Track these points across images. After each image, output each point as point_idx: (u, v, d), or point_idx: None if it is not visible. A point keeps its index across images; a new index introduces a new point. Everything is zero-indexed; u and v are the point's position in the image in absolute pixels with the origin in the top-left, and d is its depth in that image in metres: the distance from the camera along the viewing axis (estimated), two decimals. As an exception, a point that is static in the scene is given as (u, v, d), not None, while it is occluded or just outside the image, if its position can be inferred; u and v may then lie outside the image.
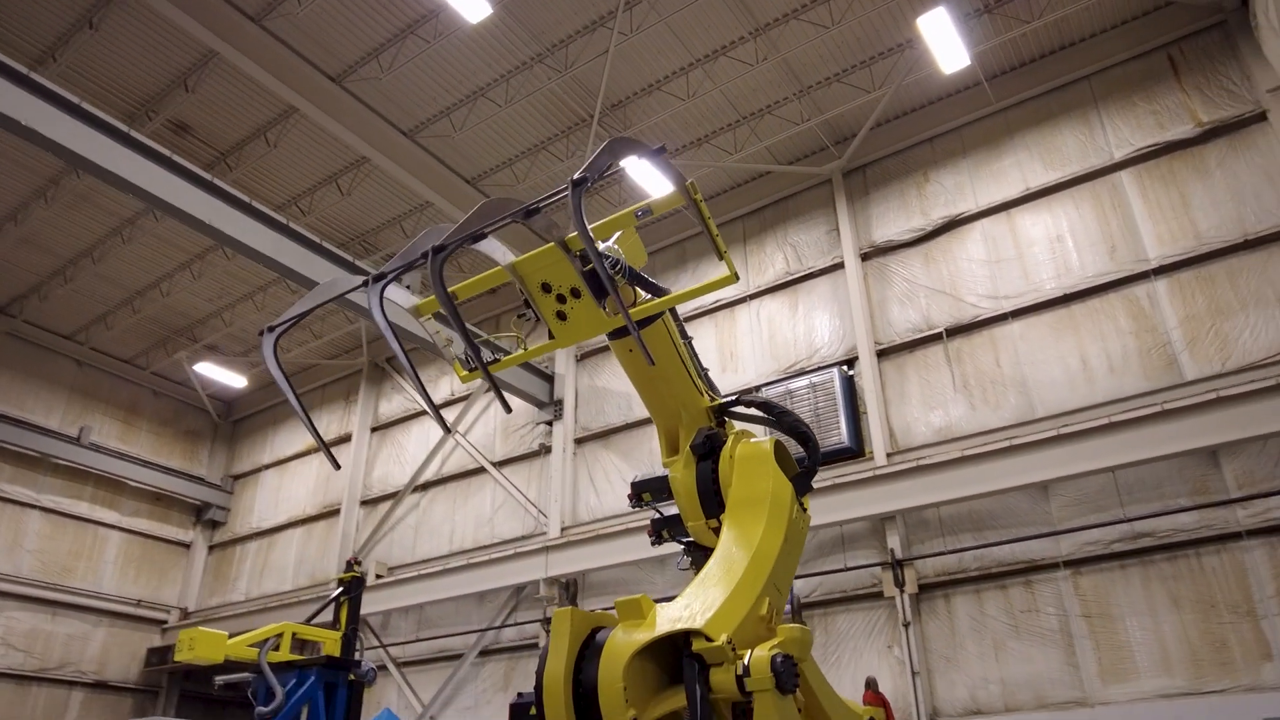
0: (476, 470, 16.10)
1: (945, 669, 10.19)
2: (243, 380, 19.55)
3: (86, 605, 18.10)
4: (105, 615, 18.41)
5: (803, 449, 4.29)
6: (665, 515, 4.51)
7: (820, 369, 12.45)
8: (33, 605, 17.38)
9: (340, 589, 9.68)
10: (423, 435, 17.34)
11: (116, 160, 10.21)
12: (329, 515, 18.13)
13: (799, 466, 4.20)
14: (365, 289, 3.72)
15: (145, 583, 19.29)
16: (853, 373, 12.28)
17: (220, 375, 19.17)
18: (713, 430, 4.26)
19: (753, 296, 13.82)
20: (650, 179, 12.34)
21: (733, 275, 3.63)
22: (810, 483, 4.21)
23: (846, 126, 13.42)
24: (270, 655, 8.46)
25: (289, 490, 19.46)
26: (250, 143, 13.96)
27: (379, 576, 15.85)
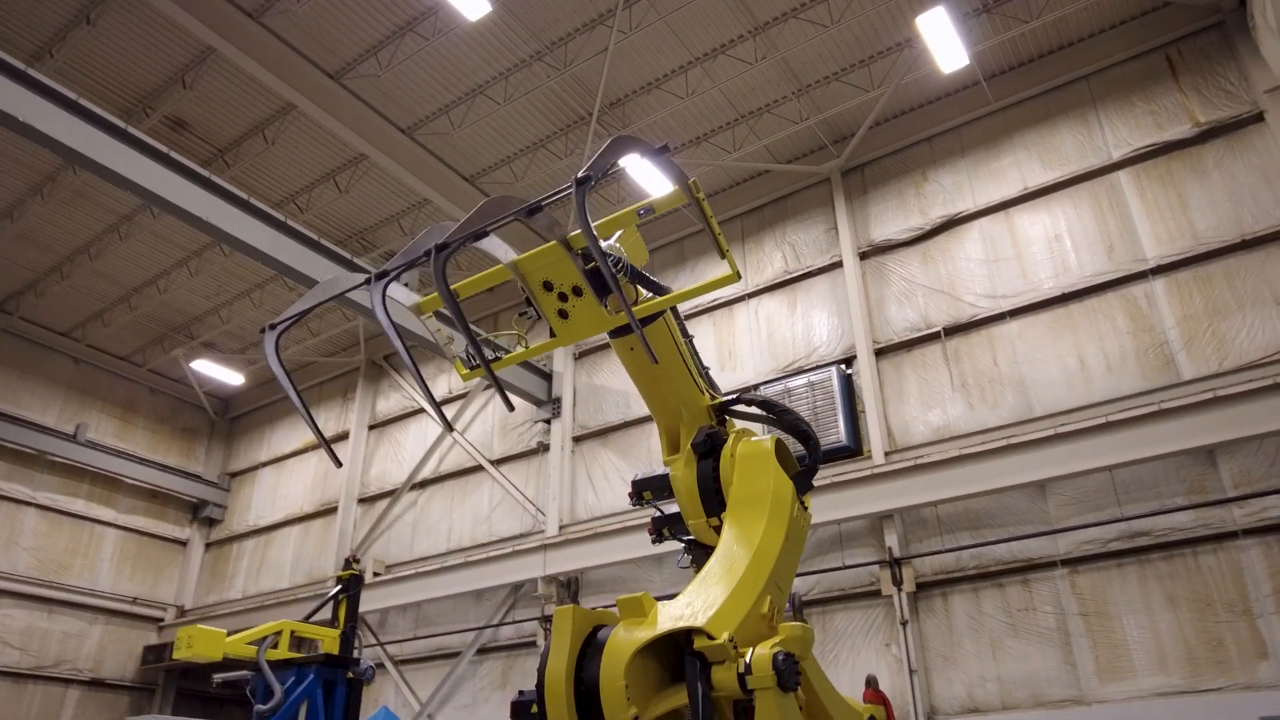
0: (474, 468, 16.09)
1: (943, 667, 10.21)
2: (240, 377, 19.51)
3: (83, 603, 18.04)
4: (101, 613, 18.35)
5: (803, 447, 4.29)
6: (666, 513, 4.52)
7: (818, 368, 12.47)
8: (29, 603, 17.32)
9: (338, 587, 9.66)
10: (420, 433, 17.32)
11: (114, 156, 10.17)
12: (326, 513, 18.10)
13: (800, 465, 4.21)
14: (367, 287, 3.71)
15: (142, 580, 19.24)
16: (851, 371, 12.29)
17: (217, 372, 19.13)
18: (714, 429, 4.26)
19: (751, 295, 13.81)
20: (650, 177, 12.31)
21: (735, 274, 3.64)
22: (811, 481, 4.21)
23: (845, 125, 13.42)
24: (269, 653, 8.44)
25: (286, 488, 19.42)
26: (248, 139, 13.93)
27: (377, 574, 15.83)
